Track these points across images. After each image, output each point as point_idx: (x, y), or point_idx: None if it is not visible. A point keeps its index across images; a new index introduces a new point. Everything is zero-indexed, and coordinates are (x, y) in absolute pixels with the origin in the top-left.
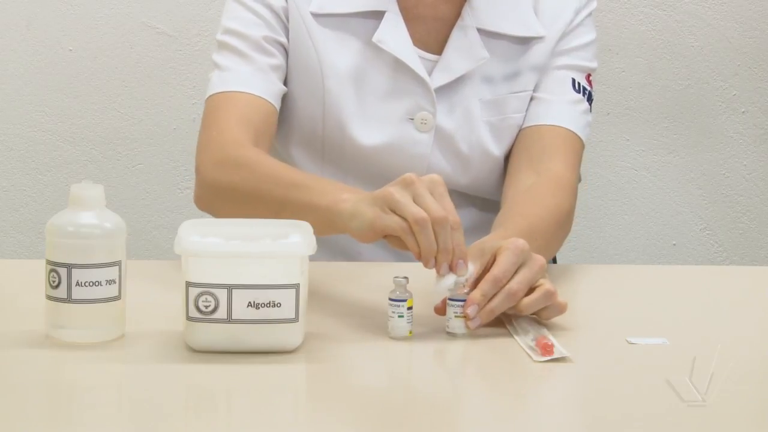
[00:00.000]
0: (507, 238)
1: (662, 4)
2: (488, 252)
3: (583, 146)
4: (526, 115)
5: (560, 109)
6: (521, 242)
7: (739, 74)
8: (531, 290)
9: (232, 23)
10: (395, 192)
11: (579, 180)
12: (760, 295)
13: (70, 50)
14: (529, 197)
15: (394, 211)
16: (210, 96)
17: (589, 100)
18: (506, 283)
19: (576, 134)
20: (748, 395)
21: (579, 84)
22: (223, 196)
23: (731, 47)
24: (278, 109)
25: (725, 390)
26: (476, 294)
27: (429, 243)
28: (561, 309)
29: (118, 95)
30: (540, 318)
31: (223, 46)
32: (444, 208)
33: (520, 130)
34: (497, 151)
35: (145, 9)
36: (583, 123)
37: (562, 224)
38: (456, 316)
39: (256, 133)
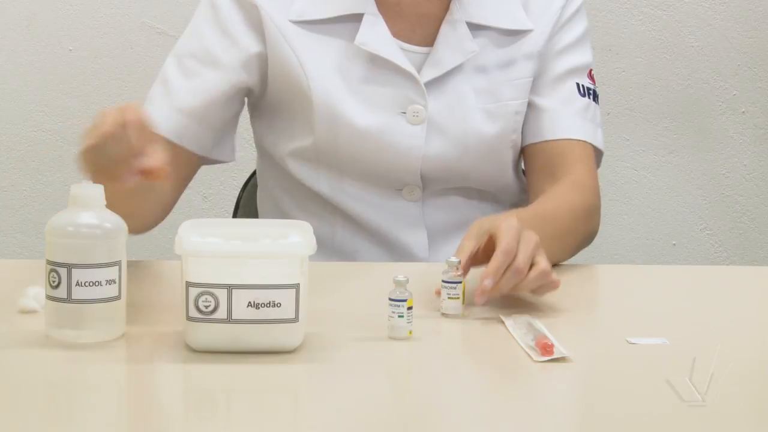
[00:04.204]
0: (509, 218)
1: (662, 4)
2: (485, 232)
3: (599, 151)
4: (537, 129)
5: (572, 122)
6: (514, 220)
7: (739, 74)
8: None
9: (187, 50)
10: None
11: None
12: (760, 295)
13: (70, 50)
14: (546, 195)
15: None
16: None
17: (595, 98)
18: (512, 261)
19: (590, 143)
20: (748, 395)
21: (584, 87)
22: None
23: (731, 47)
24: (196, 150)
25: (725, 390)
26: (491, 268)
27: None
28: (554, 286)
29: (118, 95)
30: (534, 295)
31: (162, 74)
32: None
33: (532, 145)
34: (492, 131)
35: (145, 9)
36: (595, 128)
37: (579, 218)
38: (449, 298)
39: None
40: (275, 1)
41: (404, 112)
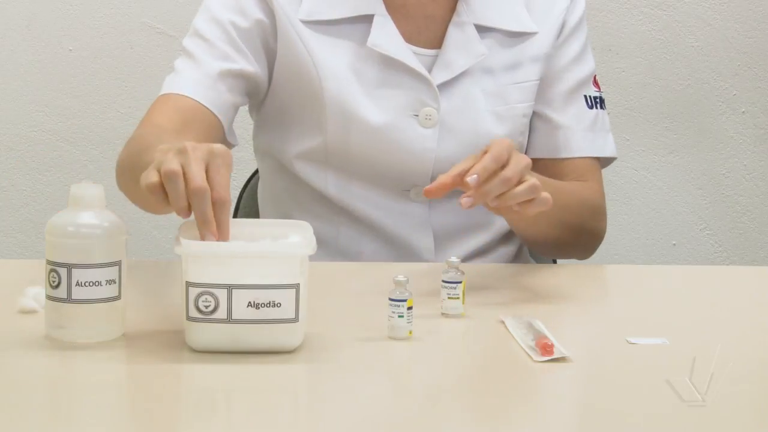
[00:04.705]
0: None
1: (662, 4)
2: (481, 152)
3: (607, 160)
4: (551, 145)
5: (585, 139)
6: (507, 140)
7: (739, 74)
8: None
9: (202, 27)
10: (166, 156)
11: None
12: (760, 295)
13: (70, 50)
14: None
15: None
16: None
17: (602, 104)
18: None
19: (601, 158)
20: (748, 395)
21: (591, 98)
22: (118, 173)
23: (731, 47)
24: (223, 121)
25: (725, 390)
26: (478, 166)
27: (175, 194)
28: (546, 203)
29: (118, 95)
30: (523, 212)
31: (183, 49)
32: (212, 179)
33: (544, 159)
34: (501, 133)
35: (145, 9)
36: (605, 137)
37: (585, 208)
38: (449, 298)
39: (184, 124)
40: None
41: (416, 115)
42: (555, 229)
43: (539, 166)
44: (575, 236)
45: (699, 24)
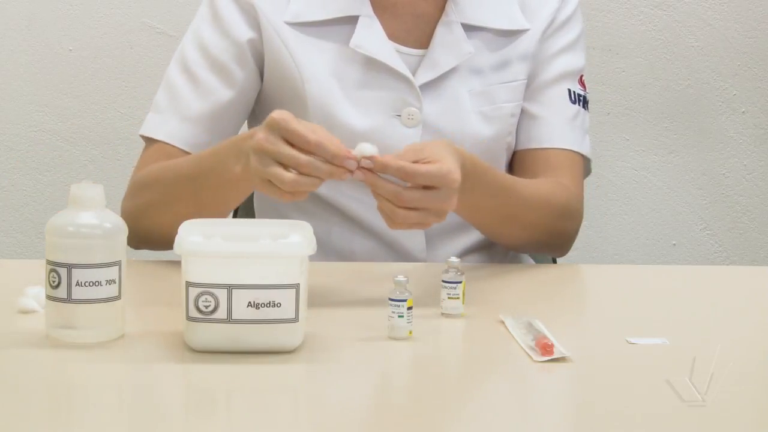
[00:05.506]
0: (478, 169)
1: (662, 4)
2: (427, 154)
3: (586, 159)
4: (526, 136)
5: (562, 131)
6: (456, 175)
7: (739, 74)
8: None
9: (190, 54)
10: (259, 171)
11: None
12: (760, 295)
13: (70, 50)
14: (530, 179)
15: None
16: (141, 135)
17: (585, 104)
18: (408, 185)
19: (579, 153)
20: (748, 395)
21: (574, 93)
22: (147, 216)
23: (731, 47)
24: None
25: (725, 390)
26: (380, 162)
27: (313, 181)
28: (389, 225)
29: (118, 95)
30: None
31: (167, 79)
32: (298, 143)
33: (520, 151)
34: (488, 133)
35: (145, 9)
36: (583, 135)
37: (552, 210)
38: (449, 298)
39: None
40: (271, 1)
41: (399, 115)
42: (508, 226)
43: (516, 159)
44: (534, 235)
45: (699, 24)
